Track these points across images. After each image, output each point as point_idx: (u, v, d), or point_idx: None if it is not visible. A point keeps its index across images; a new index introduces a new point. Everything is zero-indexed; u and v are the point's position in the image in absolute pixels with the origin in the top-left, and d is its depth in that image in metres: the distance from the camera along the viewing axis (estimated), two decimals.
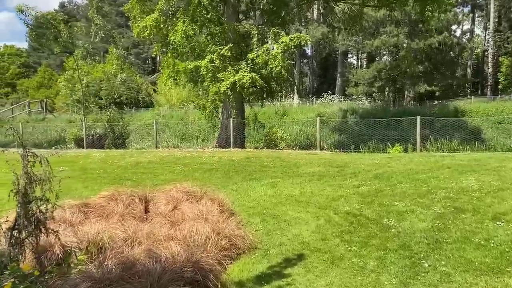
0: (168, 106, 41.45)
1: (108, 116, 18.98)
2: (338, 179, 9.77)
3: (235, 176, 10.84)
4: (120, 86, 19.93)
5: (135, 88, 39.16)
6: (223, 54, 14.12)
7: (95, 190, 9.77)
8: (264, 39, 15.84)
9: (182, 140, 25.34)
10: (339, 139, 21.60)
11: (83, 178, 11.14)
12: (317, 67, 67.46)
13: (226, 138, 16.46)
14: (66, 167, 12.66)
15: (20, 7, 15.63)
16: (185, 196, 7.76)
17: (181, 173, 11.46)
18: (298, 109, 38.15)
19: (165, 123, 32.40)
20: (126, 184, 10.25)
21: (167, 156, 13.73)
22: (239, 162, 12.42)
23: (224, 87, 13.92)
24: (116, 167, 12.57)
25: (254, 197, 8.71)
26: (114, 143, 19.09)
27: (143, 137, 26.36)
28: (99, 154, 14.65)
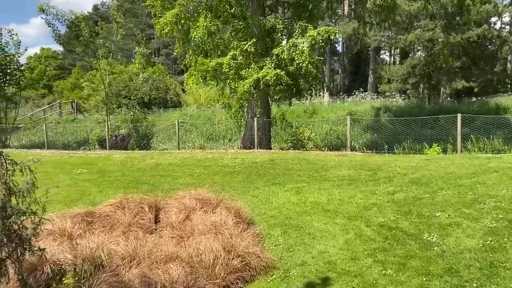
0: (196, 106, 41.22)
1: (132, 116, 18.59)
2: (370, 184, 8.84)
3: (257, 180, 10.07)
4: (143, 86, 19.38)
5: (163, 88, 39.02)
6: (246, 50, 13.35)
7: (109, 195, 9.24)
8: (290, 33, 14.98)
9: (209, 140, 24.81)
10: (372, 139, 20.46)
11: (99, 182, 10.65)
12: (348, 64, 65.89)
13: (251, 139, 15.70)
14: (85, 170, 12.26)
15: (41, 6, 15.45)
16: (199, 204, 7.05)
17: (201, 176, 10.78)
18: (328, 107, 37.06)
19: (192, 123, 32.06)
20: (142, 188, 9.72)
21: (188, 158, 13.11)
22: (263, 164, 11.63)
23: (247, 85, 13.16)
24: (135, 169, 12.05)
25: (276, 204, 7.91)
26: (138, 144, 18.69)
27: (170, 137, 26.00)
28: (120, 156, 14.21)
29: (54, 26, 16.18)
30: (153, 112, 38.40)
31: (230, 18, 14.79)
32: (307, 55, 13.35)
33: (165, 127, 30.33)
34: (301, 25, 14.18)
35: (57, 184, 10.53)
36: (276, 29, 14.40)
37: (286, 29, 15.07)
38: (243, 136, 16.75)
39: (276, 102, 19.68)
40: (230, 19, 14.78)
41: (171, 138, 25.17)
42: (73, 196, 9.22)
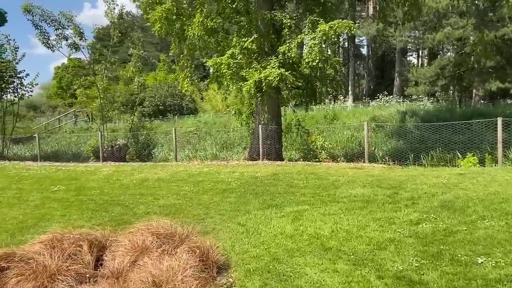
0: (213, 112, 39.82)
1: (130, 124, 17.18)
2: (388, 209, 6.97)
3: (251, 200, 8.33)
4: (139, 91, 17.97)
5: (178, 94, 37.81)
6: (247, 47, 11.70)
7: (72, 219, 7.71)
8: (300, 29, 13.22)
9: (223, 149, 23.25)
10: (396, 146, 18.38)
11: (70, 202, 9.14)
12: (373, 67, 63.38)
13: (258, 149, 13.99)
14: (63, 186, 10.82)
15: (26, 6, 14.29)
16: (158, 241, 5.37)
17: (187, 195, 9.12)
18: (350, 112, 34.99)
19: (207, 130, 30.65)
20: (114, 211, 8.18)
21: (181, 172, 11.50)
22: (263, 180, 9.89)
23: (247, 87, 11.49)
24: (118, 186, 10.51)
25: (265, 237, 6.14)
26: (138, 154, 17.27)
27: (183, 145, 24.59)
28: (109, 169, 12.74)
29: (42, 28, 14.99)
30: (168, 119, 37.21)
31: (232, 14, 13.20)
32: (317, 53, 11.57)
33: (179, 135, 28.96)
34: (311, 19, 12.43)
35: (25, 204, 9.15)
36: (283, 25, 12.67)
37: (295, 25, 13.32)
38: (250, 146, 15.06)
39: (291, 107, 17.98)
40: (232, 14, 13.19)
41: (184, 147, 23.76)
42: (29, 221, 7.71)
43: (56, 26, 14.85)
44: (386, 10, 20.09)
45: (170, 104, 36.70)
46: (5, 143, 18.93)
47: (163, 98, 37.17)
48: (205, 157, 18.94)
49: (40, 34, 14.95)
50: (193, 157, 19.37)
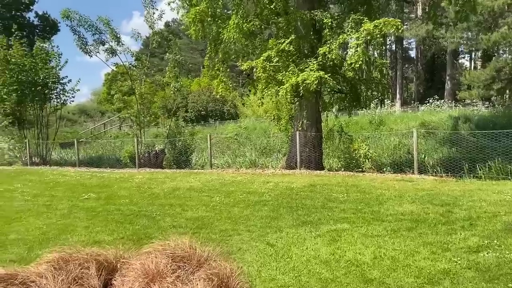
0: (254, 118, 39.39)
1: (167, 130, 16.89)
2: (441, 231, 6.02)
3: (285, 215, 7.59)
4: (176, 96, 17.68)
5: (220, 100, 37.67)
6: (284, 49, 11.01)
7: (94, 232, 7.28)
8: (342, 29, 12.37)
9: (262, 155, 22.64)
10: (449, 155, 16.97)
11: (96, 212, 8.76)
12: (422, 71, 60.77)
13: (297, 156, 13.21)
14: (94, 194, 10.53)
15: (65, 13, 14.35)
16: (173, 264, 4.76)
17: (217, 207, 8.51)
18: (398, 117, 33.41)
19: (247, 135, 30.23)
20: (139, 223, 7.68)
21: (213, 181, 10.94)
22: (299, 192, 9.13)
23: (282, 91, 10.78)
24: (148, 195, 10.08)
25: (296, 261, 5.39)
26: (176, 161, 16.95)
27: (223, 151, 24.23)
28: (142, 177, 12.41)
29: (80, 33, 15.02)
30: (209, 124, 37.16)
31: (270, 15, 12.58)
32: (360, 54, 10.69)
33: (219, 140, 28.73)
34: (354, 18, 11.57)
35: (52, 213, 8.88)
36: (324, 25, 11.87)
37: (337, 25, 12.48)
38: (288, 153, 14.32)
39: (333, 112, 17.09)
40: (270, 15, 12.56)
41: (224, 153, 23.36)
42: (51, 233, 7.36)
43: (93, 32, 14.88)
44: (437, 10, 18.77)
45: (211, 109, 36.63)
46: (48, 148, 19.21)
47: (205, 103, 37.15)
48: (243, 162, 18.39)
49: (78, 39, 15.03)
50: (232, 163, 18.87)
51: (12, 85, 17.71)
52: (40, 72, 18.09)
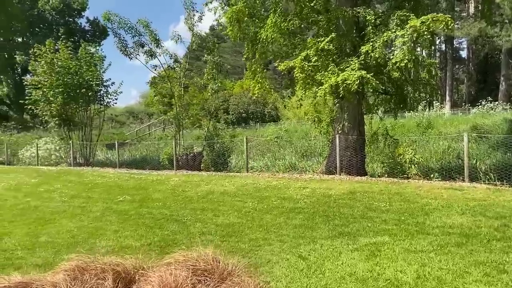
0: (295, 120, 38.83)
1: (205, 132, 16.74)
2: (496, 248, 5.34)
3: (320, 225, 7.09)
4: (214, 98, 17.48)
5: (261, 102, 37.41)
6: (323, 48, 10.47)
7: (123, 236, 7.10)
8: (386, 27, 11.65)
9: (303, 158, 22.09)
10: (503, 161, 15.71)
11: (128, 216, 8.62)
12: (474, 71, 57.79)
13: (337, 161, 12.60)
14: (128, 197, 10.46)
15: (106, 15, 14.53)
16: (193, 278, 4.42)
17: (249, 213, 8.13)
18: (448, 120, 31.79)
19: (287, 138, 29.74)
20: (169, 228, 7.45)
21: (248, 185, 10.57)
22: (337, 199, 8.58)
23: (321, 92, 10.24)
24: (181, 198, 9.87)
25: (329, 278, 4.90)
26: (214, 163, 16.76)
27: (263, 153, 23.90)
28: (178, 179, 12.26)
29: (120, 36, 15.14)
30: (250, 127, 36.97)
31: (310, 13, 12.08)
32: (406, 52, 9.98)
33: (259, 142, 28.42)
34: (400, 15, 10.85)
35: (86, 215, 8.83)
36: (367, 22, 11.23)
37: (380, 22, 11.80)
38: (328, 157, 13.72)
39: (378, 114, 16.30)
40: (310, 14, 12.06)
41: (264, 155, 23.03)
42: (80, 236, 7.25)
43: (133, 34, 14.97)
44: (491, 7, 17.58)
45: (252, 111, 36.42)
46: (91, 149, 19.61)
47: (246, 105, 37.01)
48: (283, 165, 17.93)
49: (119, 42, 15.18)
50: (271, 166, 18.47)
51: (58, 88, 18.19)
52: (85, 75, 18.50)
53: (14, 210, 9.53)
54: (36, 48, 18.98)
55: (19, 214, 9.11)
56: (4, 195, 11.25)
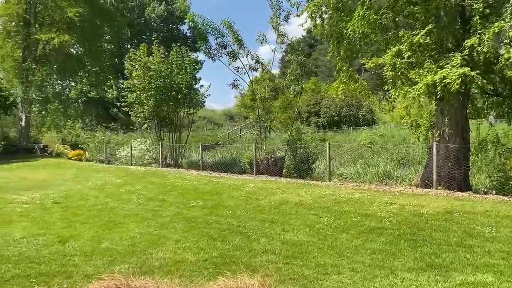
0: (393, 124, 36.37)
1: (288, 136, 15.94)
2: None
3: (404, 252, 5.90)
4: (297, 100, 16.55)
5: (355, 105, 35.62)
6: (418, 42, 9.05)
7: (181, 248, 6.62)
8: (499, 16, 9.82)
9: (399, 165, 20.27)
10: None
11: (195, 223, 8.16)
12: None
13: None
14: (201, 202, 10.08)
15: (190, 17, 14.44)
16: None
17: (322, 231, 7.15)
18: None
19: (383, 143, 27.87)
20: (233, 241, 6.88)
21: (326, 196, 9.54)
22: (429, 220, 7.22)
23: (414, 93, 8.82)
24: (253, 207, 9.20)
25: None
26: (296, 169, 15.90)
27: (354, 159, 22.49)
28: (254, 185, 11.63)
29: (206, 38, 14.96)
30: (342, 131, 35.37)
31: (404, 5, 10.70)
32: None
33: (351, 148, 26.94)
34: None
35: (155, 221, 8.58)
36: (473, 11, 9.54)
37: (491, 11, 9.99)
38: (425, 168, 12.07)
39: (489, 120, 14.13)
40: (404, 5, 10.68)
41: (356, 162, 21.63)
42: (140, 245, 6.91)
43: (216, 35, 14.74)
44: None
45: (345, 115, 34.80)
46: (180, 151, 19.94)
47: (339, 108, 35.50)
48: (376, 174, 16.47)
49: (203, 43, 15.05)
50: (363, 173, 17.12)
51: (150, 90, 18.77)
52: (175, 78, 18.86)
53: (91, 210, 9.64)
54: (132, 53, 19.81)
55: (94, 215, 9.16)
56: (87, 194, 11.59)
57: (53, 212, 9.44)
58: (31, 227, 8.04)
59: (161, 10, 58.20)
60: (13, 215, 9.00)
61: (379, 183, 13.22)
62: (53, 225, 8.24)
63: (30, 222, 8.43)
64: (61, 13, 26.90)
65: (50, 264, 5.95)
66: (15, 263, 5.99)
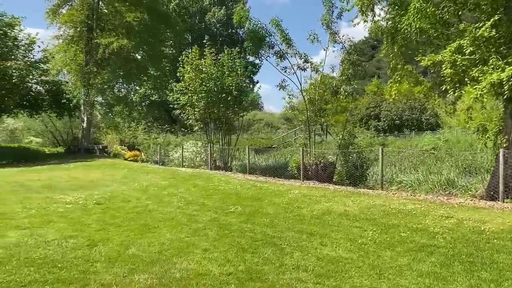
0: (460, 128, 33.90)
1: (340, 140, 15.06)
2: None
3: (458, 276, 5.03)
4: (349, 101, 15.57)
5: (417, 108, 33.63)
6: (482, 36, 7.97)
7: (207, 259, 6.18)
8: None
9: (465, 173, 18.65)
10: None
11: (228, 231, 7.69)
12: None
13: None
14: (239, 208, 9.62)
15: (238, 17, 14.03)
16: None
17: (365, 247, 6.39)
18: None
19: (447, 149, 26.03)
20: (263, 253, 6.36)
21: (375, 207, 8.69)
22: (491, 239, 6.22)
23: (476, 93, 7.75)
24: (292, 216, 8.58)
25: None
26: (349, 175, 15.00)
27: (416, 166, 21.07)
28: (298, 192, 10.97)
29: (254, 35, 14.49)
30: (403, 135, 33.50)
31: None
32: None
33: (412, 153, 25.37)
34: None
35: (188, 226, 8.23)
36: None
37: None
38: (491, 178, 10.80)
39: None
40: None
41: (417, 168, 20.23)
42: (167, 252, 6.54)
43: (263, 34, 14.23)
44: None
45: (407, 118, 32.92)
46: (229, 153, 19.69)
47: (400, 111, 33.68)
48: (438, 182, 15.17)
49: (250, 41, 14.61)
50: (424, 181, 15.88)
51: (201, 93, 18.71)
52: (226, 80, 18.67)
53: (129, 213, 9.50)
54: (184, 56, 19.88)
55: (130, 218, 8.99)
56: (130, 196, 11.54)
57: (92, 213, 9.40)
58: (66, 229, 7.98)
59: (221, 15, 59.06)
60: (53, 216, 9.05)
61: (440, 193, 12.05)
62: (88, 228, 8.13)
63: (66, 223, 8.40)
64: (121, 18, 27.80)
65: (71, 269, 5.74)
66: (38, 266, 5.84)
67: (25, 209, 9.62)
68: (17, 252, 6.47)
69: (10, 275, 5.49)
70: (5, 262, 5.98)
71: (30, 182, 13.75)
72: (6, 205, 10.11)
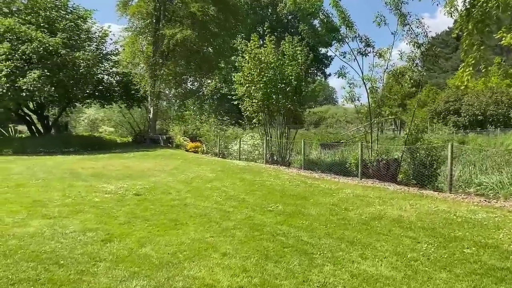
0: None
1: (406, 136, 13.37)
2: None
3: None
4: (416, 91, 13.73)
5: (505, 102, 30.13)
6: None
7: (223, 265, 5.36)
8: None
9: None
10: None
11: (258, 233, 6.77)
12: None
13: None
14: (281, 206, 8.67)
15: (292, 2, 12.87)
16: None
17: (414, 263, 5.12)
18: None
19: None
20: (286, 265, 5.49)
21: (437, 213, 7.27)
22: None
23: None
24: (336, 220, 7.43)
25: None
26: (416, 174, 13.34)
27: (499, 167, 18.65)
28: (351, 191, 9.72)
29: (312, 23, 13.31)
30: (487, 132, 30.15)
31: None
32: None
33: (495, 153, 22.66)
34: None
35: (219, 225, 7.44)
36: None
37: None
38: None
39: None
40: None
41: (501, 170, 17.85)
42: (182, 255, 5.77)
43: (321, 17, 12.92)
44: None
45: (492, 113, 29.58)
46: (287, 147, 18.68)
47: (484, 106, 30.37)
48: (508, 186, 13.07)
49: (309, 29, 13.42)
50: (509, 184, 13.79)
51: (259, 83, 17.89)
52: (286, 69, 17.67)
53: (164, 206, 8.92)
54: (243, 44, 19.14)
55: (162, 212, 8.39)
56: (172, 188, 11.01)
57: (126, 205, 8.94)
58: (90, 220, 7.55)
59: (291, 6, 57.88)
60: (86, 205, 8.72)
61: None
62: (114, 220, 7.63)
63: (94, 215, 7.98)
64: (186, 8, 27.75)
65: (71, 268, 5.17)
66: (39, 262, 5.35)
67: (62, 197, 9.44)
68: (28, 244, 6.07)
69: (5, 271, 5.04)
70: (8, 255, 5.58)
71: (82, 170, 13.81)
72: (47, 192, 10.02)
